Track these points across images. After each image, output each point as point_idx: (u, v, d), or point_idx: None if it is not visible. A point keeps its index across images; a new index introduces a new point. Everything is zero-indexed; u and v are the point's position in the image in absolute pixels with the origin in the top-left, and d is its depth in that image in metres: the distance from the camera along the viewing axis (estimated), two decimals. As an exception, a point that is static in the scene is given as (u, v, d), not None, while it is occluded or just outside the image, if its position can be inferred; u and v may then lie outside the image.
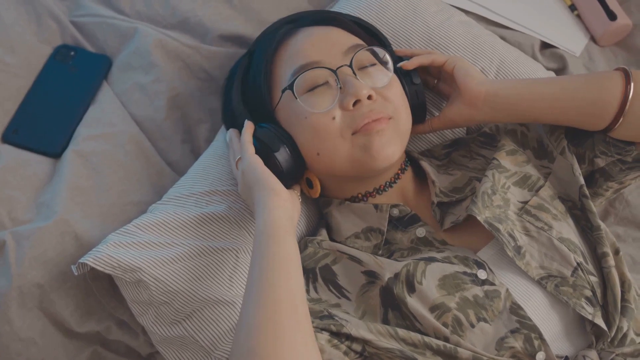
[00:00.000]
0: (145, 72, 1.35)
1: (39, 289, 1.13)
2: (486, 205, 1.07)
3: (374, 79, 1.09)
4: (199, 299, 1.07)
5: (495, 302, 1.00)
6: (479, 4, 1.47)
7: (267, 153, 1.06)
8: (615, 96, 1.05)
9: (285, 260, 0.93)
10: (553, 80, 1.14)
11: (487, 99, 1.12)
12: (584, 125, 1.10)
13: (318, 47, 1.10)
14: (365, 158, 1.06)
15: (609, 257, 1.06)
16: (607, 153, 1.11)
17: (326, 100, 1.07)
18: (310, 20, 1.17)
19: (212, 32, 1.40)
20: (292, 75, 1.08)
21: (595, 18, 1.47)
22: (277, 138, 1.07)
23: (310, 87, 1.07)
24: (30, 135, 1.29)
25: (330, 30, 1.14)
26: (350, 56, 1.08)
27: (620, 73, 1.06)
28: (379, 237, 1.12)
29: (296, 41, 1.12)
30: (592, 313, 1.00)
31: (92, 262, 1.03)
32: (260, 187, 1.01)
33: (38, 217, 1.19)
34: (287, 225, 0.97)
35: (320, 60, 1.08)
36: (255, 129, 1.10)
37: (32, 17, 1.40)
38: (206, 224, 1.12)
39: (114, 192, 1.23)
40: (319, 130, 1.06)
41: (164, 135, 1.33)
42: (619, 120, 1.05)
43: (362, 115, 1.05)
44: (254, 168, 1.04)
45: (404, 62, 1.17)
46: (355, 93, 1.05)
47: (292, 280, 0.92)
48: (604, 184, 1.16)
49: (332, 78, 1.07)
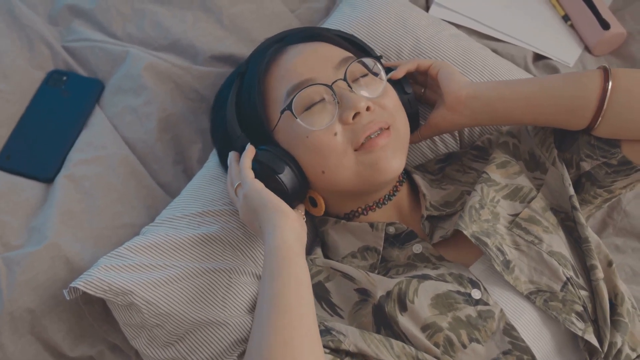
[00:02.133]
0: (136, 94, 1.36)
1: (30, 314, 1.12)
2: (473, 219, 1.06)
3: (369, 90, 1.09)
4: (192, 320, 1.06)
5: (488, 322, 0.99)
6: (470, 17, 1.47)
7: (270, 175, 1.06)
8: (593, 93, 1.04)
9: (296, 284, 0.92)
10: (532, 80, 1.14)
11: (468, 101, 1.12)
12: (566, 125, 1.09)
13: (309, 63, 1.09)
14: (373, 173, 1.06)
15: (597, 270, 1.04)
16: (592, 156, 1.10)
17: (325, 117, 1.06)
18: (298, 37, 1.17)
19: (204, 53, 1.40)
20: (287, 94, 1.08)
21: (588, 28, 1.46)
22: (280, 160, 1.07)
23: (308, 106, 1.07)
24: (23, 161, 1.30)
25: (319, 45, 1.14)
26: (342, 70, 1.08)
27: (600, 71, 1.06)
28: (375, 256, 1.11)
29: (287, 59, 1.12)
30: (583, 329, 0.99)
31: (83, 286, 1.02)
32: (267, 210, 1.01)
33: (29, 242, 1.19)
34: (296, 246, 0.97)
35: (313, 77, 1.07)
36: (256, 152, 1.09)
37: (24, 43, 1.41)
38: (199, 245, 1.11)
39: (106, 215, 1.23)
40: (322, 148, 1.05)
41: (156, 157, 1.33)
42: (599, 117, 1.04)
43: (362, 127, 1.05)
44: (258, 192, 1.03)
45: (392, 73, 1.17)
46: (353, 106, 1.05)
47: (304, 304, 0.91)
48: (591, 189, 1.14)
49: (328, 94, 1.07)
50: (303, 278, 0.94)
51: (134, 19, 1.45)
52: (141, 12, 1.45)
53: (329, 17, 1.42)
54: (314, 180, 1.09)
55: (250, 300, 1.11)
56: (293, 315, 0.89)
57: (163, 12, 1.45)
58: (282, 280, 0.92)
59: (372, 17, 1.33)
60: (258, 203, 1.02)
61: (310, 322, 0.90)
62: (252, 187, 1.04)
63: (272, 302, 0.90)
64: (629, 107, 1.03)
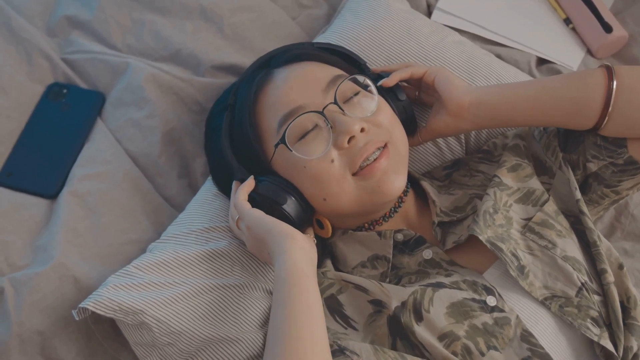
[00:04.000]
0: (138, 107, 1.34)
1: (39, 336, 1.11)
2: (488, 224, 1.06)
3: (362, 108, 1.07)
4: (204, 338, 1.05)
5: (505, 329, 0.98)
6: (473, 23, 1.46)
7: (274, 207, 1.05)
8: (598, 92, 1.04)
9: (308, 311, 0.92)
10: (534, 82, 1.14)
11: (471, 108, 1.11)
12: (572, 125, 1.09)
13: (297, 89, 1.08)
14: (375, 197, 1.05)
15: (607, 274, 1.04)
16: (599, 157, 1.10)
17: (320, 145, 1.05)
18: (282, 60, 1.15)
19: (205, 63, 1.38)
20: (279, 125, 1.07)
21: (591, 31, 1.46)
22: (282, 190, 1.06)
23: (301, 135, 1.05)
24: (25, 178, 1.27)
25: (305, 66, 1.12)
26: (332, 91, 1.06)
27: (602, 69, 1.06)
28: (385, 264, 1.10)
29: (274, 87, 1.10)
30: (598, 334, 0.99)
31: (93, 306, 1.01)
32: (274, 235, 1.00)
33: (35, 261, 1.17)
34: (307, 269, 0.96)
35: (303, 105, 1.06)
36: (256, 184, 1.08)
37: (22, 56, 1.39)
38: (207, 261, 1.10)
39: (112, 232, 1.22)
40: (321, 176, 1.05)
41: (160, 170, 1.31)
42: (605, 117, 1.04)
43: (359, 151, 1.04)
44: (260, 219, 1.02)
45: (384, 80, 1.15)
46: (347, 130, 1.03)
47: (316, 331, 0.90)
48: (598, 189, 1.14)
49: (320, 120, 1.05)
50: (315, 305, 0.93)
51: (133, 30, 1.43)
52: (140, 23, 1.43)
53: (331, 24, 1.41)
54: (317, 206, 1.08)
55: (262, 315, 1.11)
56: (305, 343, 0.89)
57: (162, 22, 1.43)
58: (294, 308, 0.92)
59: (376, 24, 1.32)
60: (262, 230, 1.01)
61: (323, 349, 0.89)
62: (253, 216, 1.03)
63: (284, 331, 0.90)
64: (634, 104, 1.03)
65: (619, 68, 1.05)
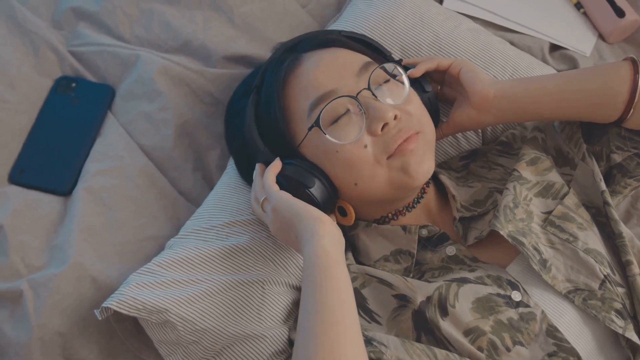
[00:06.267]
0: (150, 100, 1.31)
1: (61, 337, 1.10)
2: (509, 219, 1.05)
3: (393, 96, 1.06)
4: (228, 335, 1.05)
5: (531, 324, 0.98)
6: (485, 9, 1.45)
7: (301, 190, 1.03)
8: (624, 85, 1.04)
9: (339, 296, 0.90)
10: (559, 75, 1.13)
11: (495, 101, 1.11)
12: (596, 118, 1.09)
13: (329, 73, 1.06)
14: (405, 179, 1.04)
15: (632, 265, 1.04)
16: (623, 148, 1.10)
17: (353, 130, 1.04)
18: (311, 44, 1.13)
19: (216, 54, 1.36)
20: (311, 109, 1.05)
21: (602, 16, 1.45)
22: (309, 173, 1.04)
23: (334, 119, 1.04)
24: (38, 175, 1.25)
25: (336, 52, 1.11)
26: (364, 77, 1.05)
27: (628, 62, 1.06)
28: (409, 259, 1.09)
29: (305, 70, 1.08)
30: (623, 326, 0.99)
31: (116, 305, 1.00)
32: (302, 219, 0.98)
33: (52, 261, 1.16)
34: (337, 252, 0.94)
35: (336, 89, 1.04)
36: (283, 166, 1.06)
37: (29, 49, 1.36)
38: (229, 257, 1.09)
39: (129, 229, 1.20)
40: (354, 161, 1.03)
41: (175, 164, 1.29)
42: (630, 108, 1.04)
43: (392, 138, 1.03)
44: (288, 202, 1.00)
45: (410, 71, 1.14)
46: (381, 117, 1.02)
47: (347, 316, 0.89)
48: (622, 180, 1.14)
49: (353, 105, 1.04)
50: (346, 289, 0.92)
51: (141, 21, 1.40)
52: (149, 13, 1.40)
53: (343, 13, 1.39)
54: (346, 191, 1.07)
55: (285, 310, 1.10)
56: (338, 328, 0.87)
57: (172, 13, 1.40)
58: (325, 293, 0.90)
59: (389, 13, 1.30)
60: (290, 213, 0.99)
61: (355, 335, 0.88)
62: (281, 198, 1.01)
63: (315, 316, 0.88)
64: None
65: None
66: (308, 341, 0.87)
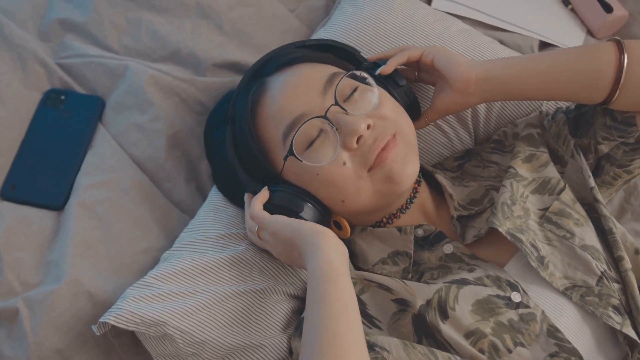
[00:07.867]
0: (141, 111, 1.30)
1: (59, 355, 1.09)
2: (506, 216, 1.05)
3: (364, 103, 1.06)
4: (228, 345, 1.04)
5: (531, 325, 0.98)
6: (474, 9, 1.45)
7: (290, 216, 1.03)
8: (609, 66, 1.04)
9: (344, 307, 0.90)
10: (544, 56, 1.12)
11: (479, 84, 1.10)
12: (582, 99, 1.09)
13: (295, 97, 1.06)
14: (391, 187, 1.04)
15: (624, 261, 1.05)
16: (609, 137, 1.10)
17: (329, 150, 1.03)
18: (275, 66, 1.12)
19: (205, 61, 1.35)
20: (284, 136, 1.05)
21: (590, 11, 1.46)
22: (297, 198, 1.05)
23: (309, 143, 1.04)
24: (30, 190, 1.24)
25: (299, 70, 1.10)
26: (330, 92, 1.05)
27: (612, 43, 1.06)
28: (407, 260, 1.09)
29: (272, 98, 1.08)
30: (620, 322, 0.99)
31: (114, 320, 0.99)
32: (303, 234, 0.98)
33: (48, 278, 1.15)
34: (341, 265, 0.94)
35: (304, 112, 1.04)
36: (270, 194, 1.07)
37: (16, 63, 1.34)
38: (226, 267, 1.08)
39: (123, 242, 1.19)
40: (336, 181, 1.03)
41: (167, 175, 1.28)
42: (616, 90, 1.04)
43: (370, 149, 1.03)
44: (287, 223, 1.01)
45: (381, 69, 1.13)
46: (354, 131, 1.02)
47: (352, 327, 0.89)
48: (611, 170, 1.14)
49: (324, 124, 1.03)
50: (350, 301, 0.92)
51: (129, 30, 1.39)
52: (136, 22, 1.38)
53: (331, 16, 1.38)
54: (336, 208, 1.07)
55: (284, 318, 1.10)
56: (343, 340, 0.87)
57: (160, 21, 1.39)
58: (330, 305, 0.90)
59: (378, 15, 1.30)
60: (291, 232, 1.00)
61: (360, 346, 0.88)
62: (276, 222, 1.01)
63: (321, 328, 0.88)
64: None
65: (629, 42, 1.05)
66: (314, 353, 0.87)
